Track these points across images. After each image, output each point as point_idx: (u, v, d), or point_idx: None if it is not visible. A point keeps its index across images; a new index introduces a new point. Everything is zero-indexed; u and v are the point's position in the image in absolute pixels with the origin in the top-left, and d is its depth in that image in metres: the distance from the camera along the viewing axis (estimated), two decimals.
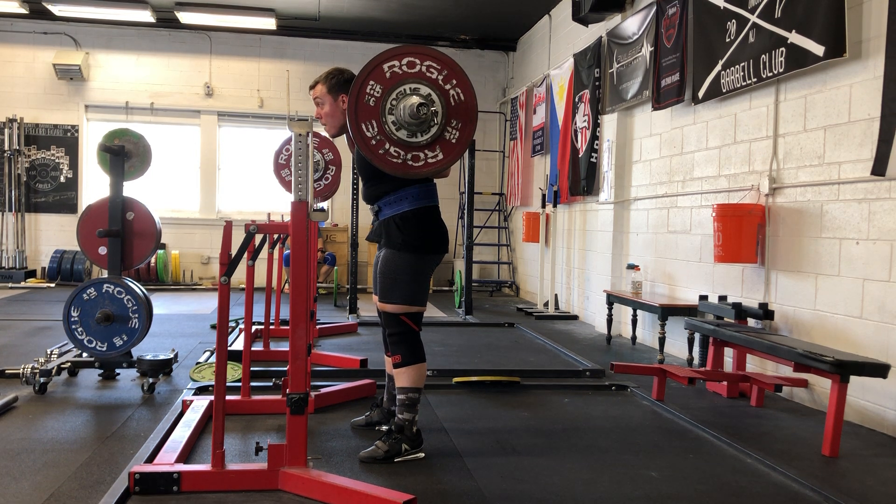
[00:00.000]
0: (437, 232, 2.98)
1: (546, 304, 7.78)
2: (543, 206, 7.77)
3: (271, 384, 3.81)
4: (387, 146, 2.68)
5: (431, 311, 7.63)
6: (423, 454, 2.92)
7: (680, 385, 4.22)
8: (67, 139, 9.39)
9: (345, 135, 3.10)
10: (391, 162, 2.70)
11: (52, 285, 8.85)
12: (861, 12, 3.63)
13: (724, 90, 4.65)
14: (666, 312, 4.99)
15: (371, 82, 2.66)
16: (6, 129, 9.10)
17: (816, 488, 2.65)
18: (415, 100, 2.62)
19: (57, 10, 8.63)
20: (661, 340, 5.05)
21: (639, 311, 5.72)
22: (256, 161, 9.68)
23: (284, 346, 4.83)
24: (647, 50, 5.71)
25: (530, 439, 3.23)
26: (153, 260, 9.08)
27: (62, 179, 9.41)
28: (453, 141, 2.71)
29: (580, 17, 6.54)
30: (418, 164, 2.71)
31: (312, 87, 3.12)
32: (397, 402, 2.93)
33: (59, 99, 9.35)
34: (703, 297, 4.74)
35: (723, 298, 4.60)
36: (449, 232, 3.23)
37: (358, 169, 3.05)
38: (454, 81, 2.70)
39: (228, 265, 2.58)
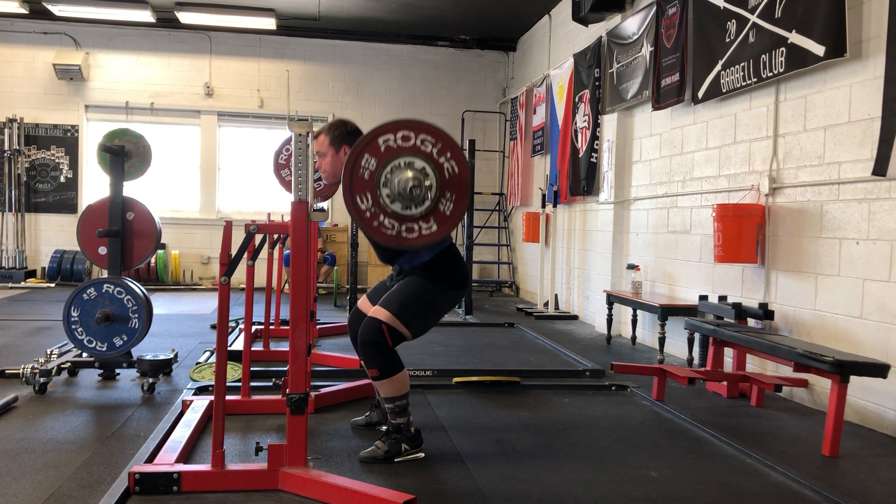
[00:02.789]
0: (458, 271, 3.04)
1: (546, 304, 7.78)
2: (543, 206, 7.77)
3: (271, 384, 3.81)
4: (381, 218, 2.67)
5: None
6: (423, 454, 2.92)
7: (680, 385, 4.22)
8: (67, 139, 9.39)
9: None
10: (385, 234, 2.69)
11: (52, 285, 8.85)
12: (861, 12, 3.63)
13: (724, 90, 4.64)
14: (666, 312, 4.99)
15: (366, 156, 2.65)
16: (6, 129, 9.10)
17: (816, 488, 2.66)
18: (409, 174, 2.62)
19: (57, 10, 8.63)
20: (661, 340, 5.05)
21: (639, 311, 5.72)
22: (256, 161, 9.68)
23: (284, 346, 4.83)
24: (647, 50, 5.71)
25: (530, 439, 3.23)
26: (153, 260, 9.08)
27: (62, 179, 9.41)
28: (448, 213, 2.71)
29: (580, 17, 6.54)
30: (412, 236, 2.71)
31: (315, 138, 3.13)
32: (387, 410, 2.93)
33: (59, 99, 9.34)
34: (703, 297, 4.74)
35: (723, 298, 4.59)
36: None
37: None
38: (448, 154, 2.69)
39: (228, 265, 2.58)
